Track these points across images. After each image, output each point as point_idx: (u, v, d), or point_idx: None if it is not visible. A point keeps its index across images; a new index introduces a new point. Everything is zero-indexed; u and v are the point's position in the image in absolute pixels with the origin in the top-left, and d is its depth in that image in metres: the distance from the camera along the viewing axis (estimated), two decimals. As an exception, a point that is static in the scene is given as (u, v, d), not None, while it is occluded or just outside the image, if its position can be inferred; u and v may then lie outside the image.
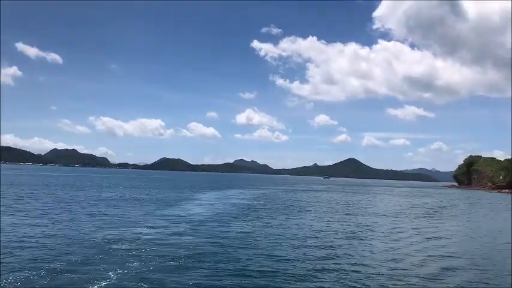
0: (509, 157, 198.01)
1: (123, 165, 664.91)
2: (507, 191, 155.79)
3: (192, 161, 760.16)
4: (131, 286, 14.82)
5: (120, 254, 19.75)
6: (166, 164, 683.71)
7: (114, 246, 21.52)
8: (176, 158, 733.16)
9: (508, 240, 30.52)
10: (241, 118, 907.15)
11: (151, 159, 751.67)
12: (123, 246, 21.48)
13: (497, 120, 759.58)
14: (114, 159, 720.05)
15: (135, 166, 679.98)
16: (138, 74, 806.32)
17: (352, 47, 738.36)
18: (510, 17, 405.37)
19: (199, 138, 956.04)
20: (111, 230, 26.84)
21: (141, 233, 26.24)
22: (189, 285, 15.31)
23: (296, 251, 22.37)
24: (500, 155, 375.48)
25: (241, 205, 51.03)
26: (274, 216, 39.71)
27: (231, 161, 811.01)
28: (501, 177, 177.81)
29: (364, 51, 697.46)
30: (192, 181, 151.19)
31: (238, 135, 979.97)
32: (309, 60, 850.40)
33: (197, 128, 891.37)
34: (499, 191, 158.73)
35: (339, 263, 19.83)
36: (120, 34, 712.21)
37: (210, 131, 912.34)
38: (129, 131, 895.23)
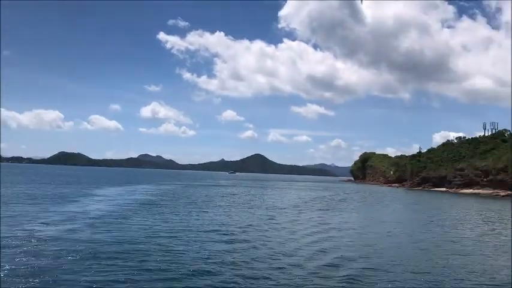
0: (399, 154, 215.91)
1: (17, 159, 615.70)
2: (396, 185, 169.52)
3: (94, 155, 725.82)
4: (21, 282, 14.26)
5: (9, 251, 18.77)
6: (65, 159, 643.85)
7: (3, 242, 20.37)
8: (76, 152, 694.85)
9: (400, 229, 33.55)
10: (146, 111, 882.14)
11: (48, 153, 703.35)
12: (14, 243, 20.41)
13: (391, 119, 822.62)
14: (6, 152, 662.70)
15: (30, 160, 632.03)
16: (34, 62, 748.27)
17: (259, 44, 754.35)
18: (403, 22, 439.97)
19: (102, 131, 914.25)
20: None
21: (33, 229, 24.97)
22: (82, 282, 14.94)
23: (195, 245, 22.63)
24: (392, 152, 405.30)
25: (144, 201, 50.18)
26: (176, 211, 39.67)
27: (135, 155, 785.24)
28: (392, 172, 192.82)
29: (270, 49, 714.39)
30: (92, 176, 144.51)
31: (143, 129, 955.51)
32: (216, 55, 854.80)
33: (99, 120, 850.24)
34: (389, 185, 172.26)
35: (236, 256, 20.36)
36: (13, 19, 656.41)
37: (113, 124, 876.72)
38: (24, 123, 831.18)
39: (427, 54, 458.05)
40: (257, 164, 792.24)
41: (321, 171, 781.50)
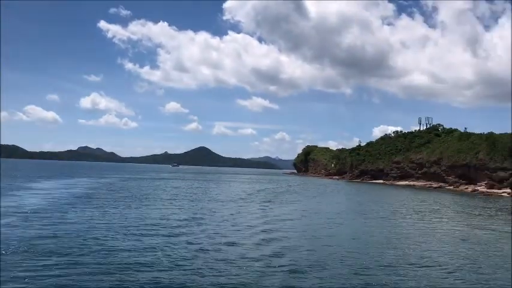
0: (341, 147, 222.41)
1: None
2: (337, 177, 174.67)
3: (30, 147, 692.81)
4: None
5: None
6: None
7: None
8: (10, 144, 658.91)
9: (337, 219, 34.72)
10: (85, 102, 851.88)
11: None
12: None
13: (333, 113, 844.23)
14: None
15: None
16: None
17: (203, 35, 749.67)
18: (346, 18, 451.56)
19: (38, 122, 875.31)
20: None
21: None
22: (13, 278, 14.48)
23: (133, 238, 22.38)
24: (334, 145, 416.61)
25: (82, 194, 48.67)
26: (115, 205, 38.81)
27: (75, 148, 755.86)
28: (333, 165, 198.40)
29: (215, 41, 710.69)
30: (28, 169, 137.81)
31: (82, 121, 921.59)
32: (160, 45, 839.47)
33: (35, 111, 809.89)
34: (330, 178, 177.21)
35: (176, 249, 20.32)
36: None
37: (51, 115, 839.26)
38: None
39: (368, 50, 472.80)
40: (202, 156, 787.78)
41: (265, 164, 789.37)
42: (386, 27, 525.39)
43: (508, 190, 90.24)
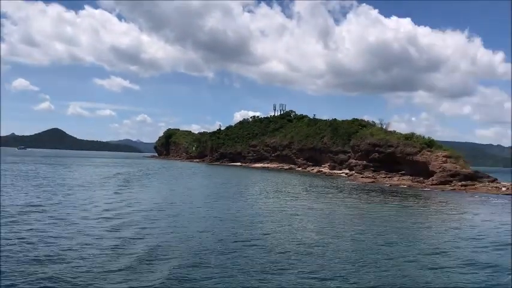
0: (203, 130, 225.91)
1: None
2: (197, 160, 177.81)
3: None
4: None
5: None
6: None
7: None
8: None
9: (189, 200, 36.24)
10: None
11: None
12: None
13: (196, 96, 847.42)
14: None
15: None
16: None
17: (56, 8, 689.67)
18: (208, 2, 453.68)
19: None
20: None
21: None
22: None
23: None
24: (197, 129, 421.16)
25: None
26: None
27: None
28: (194, 148, 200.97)
29: (70, 15, 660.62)
30: None
31: None
32: (5, 16, 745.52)
33: None
34: (191, 161, 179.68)
35: (13, 238, 19.48)
36: None
37: None
38: None
39: (230, 36, 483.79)
40: (54, 139, 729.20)
41: (126, 147, 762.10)
42: (247, 14, 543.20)
43: (347, 171, 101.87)
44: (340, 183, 71.68)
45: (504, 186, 64.37)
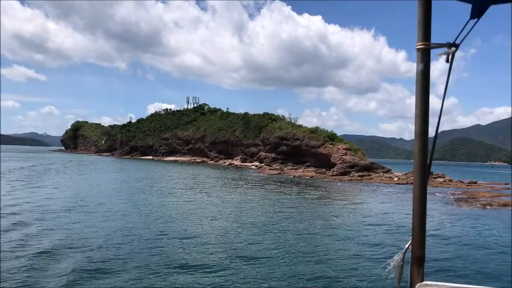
0: (114, 123, 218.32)
1: None
2: (107, 154, 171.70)
3: None
4: None
5: None
6: None
7: None
8: None
9: (79, 195, 35.25)
10: None
11: None
12: None
13: (108, 88, 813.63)
14: None
15: None
16: None
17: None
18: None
19: None
20: None
21: None
22: None
23: None
24: (109, 121, 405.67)
25: None
26: None
27: None
28: (103, 141, 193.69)
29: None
30: None
31: None
32: None
33: None
34: (99, 154, 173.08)
35: None
36: None
37: None
38: None
39: (142, 26, 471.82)
40: None
41: (31, 140, 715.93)
42: (161, 4, 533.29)
43: (257, 163, 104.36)
44: (248, 175, 73.43)
45: (396, 177, 70.19)
